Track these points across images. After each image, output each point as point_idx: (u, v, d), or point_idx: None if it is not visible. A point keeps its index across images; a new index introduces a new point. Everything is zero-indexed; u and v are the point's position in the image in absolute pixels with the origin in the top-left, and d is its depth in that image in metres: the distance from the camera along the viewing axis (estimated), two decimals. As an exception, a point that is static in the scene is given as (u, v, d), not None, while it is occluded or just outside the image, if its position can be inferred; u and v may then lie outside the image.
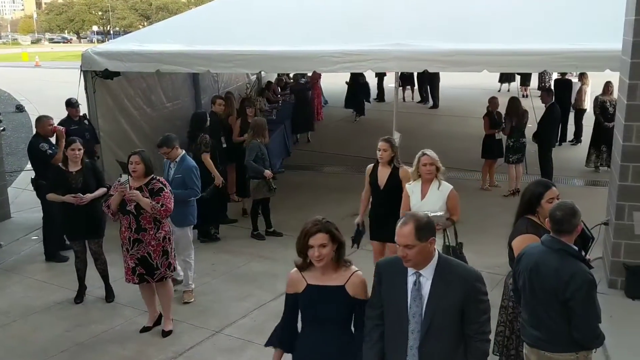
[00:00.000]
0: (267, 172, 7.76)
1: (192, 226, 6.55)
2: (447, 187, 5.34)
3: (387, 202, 5.72)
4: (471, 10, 8.84)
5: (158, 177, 5.56)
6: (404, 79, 19.04)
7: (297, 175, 10.98)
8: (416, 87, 18.95)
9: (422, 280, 3.00)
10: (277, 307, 6.12)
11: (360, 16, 8.92)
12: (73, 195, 5.96)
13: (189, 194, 6.24)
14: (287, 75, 16.15)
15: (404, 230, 2.94)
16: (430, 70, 8.58)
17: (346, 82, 16.00)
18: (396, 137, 8.15)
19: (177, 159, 6.30)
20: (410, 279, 3.02)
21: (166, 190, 5.46)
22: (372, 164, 5.99)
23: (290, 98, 13.73)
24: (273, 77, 15.18)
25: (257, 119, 8.21)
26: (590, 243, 3.86)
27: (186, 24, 10.33)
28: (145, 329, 5.68)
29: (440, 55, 7.71)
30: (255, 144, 7.81)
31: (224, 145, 8.73)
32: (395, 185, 5.72)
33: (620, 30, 6.36)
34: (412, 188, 5.41)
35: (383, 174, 5.86)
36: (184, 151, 6.43)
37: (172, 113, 10.64)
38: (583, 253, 3.71)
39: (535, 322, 3.47)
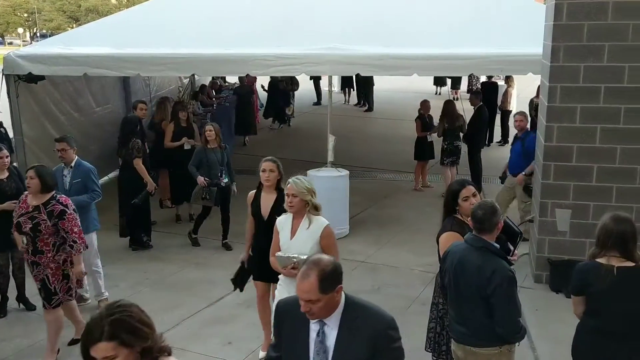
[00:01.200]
0: (200, 179, 7.53)
1: (96, 232, 6.26)
2: (320, 224, 4.30)
3: (272, 235, 4.53)
4: (403, 15, 9.01)
5: (59, 196, 5.12)
6: (344, 82, 19.26)
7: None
8: (355, 90, 19.17)
9: (326, 330, 2.66)
10: (211, 314, 6.08)
11: (294, 19, 8.94)
12: (13, 201, 5.59)
13: (92, 197, 6.03)
14: (222, 78, 15.98)
15: (305, 285, 2.52)
16: (363, 74, 8.71)
17: (263, 88, 15.33)
18: (331, 140, 8.24)
19: (72, 164, 6.05)
20: (314, 328, 2.68)
21: (69, 212, 5.05)
22: (254, 190, 5.04)
23: (226, 101, 13.59)
24: (207, 80, 14.99)
25: (211, 124, 7.95)
26: (518, 238, 4.03)
27: (116, 26, 10.04)
28: (73, 342, 5.47)
29: (372, 59, 7.82)
30: (201, 150, 7.66)
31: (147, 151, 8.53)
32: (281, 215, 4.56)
33: (541, 35, 6.65)
34: (282, 223, 4.41)
35: (267, 201, 4.89)
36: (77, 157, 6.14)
37: (102, 118, 10.33)
38: (511, 248, 3.86)
39: (461, 318, 3.57)
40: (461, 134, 9.89)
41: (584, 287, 3.45)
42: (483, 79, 15.32)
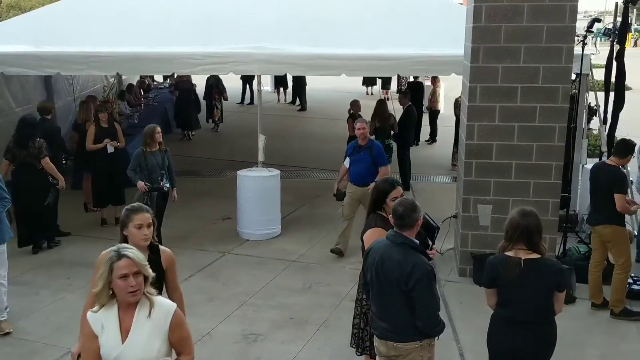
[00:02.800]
0: (140, 184, 7.08)
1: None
2: (165, 310, 2.94)
3: None
4: (332, 15, 9.06)
5: None
6: (278, 81, 19.20)
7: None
8: (289, 88, 19.15)
9: None
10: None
11: (221, 17, 8.82)
12: None
13: (4, 205, 5.64)
14: (151, 77, 15.61)
15: None
16: (291, 74, 8.74)
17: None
18: (261, 139, 8.20)
19: None
20: None
21: None
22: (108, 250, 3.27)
23: (155, 100, 13.31)
24: (136, 79, 14.61)
25: (149, 126, 7.51)
26: (436, 233, 4.15)
27: (35, 23, 9.64)
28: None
29: (300, 58, 7.85)
30: (140, 153, 7.20)
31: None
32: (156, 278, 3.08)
33: (463, 37, 6.86)
34: (99, 320, 2.89)
35: None
36: None
37: (23, 118, 9.86)
38: (430, 242, 3.97)
39: (383, 314, 3.64)
40: (392, 133, 10.08)
41: (494, 279, 3.61)
42: (410, 79, 15.67)
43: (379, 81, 18.40)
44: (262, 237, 7.95)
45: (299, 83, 17.71)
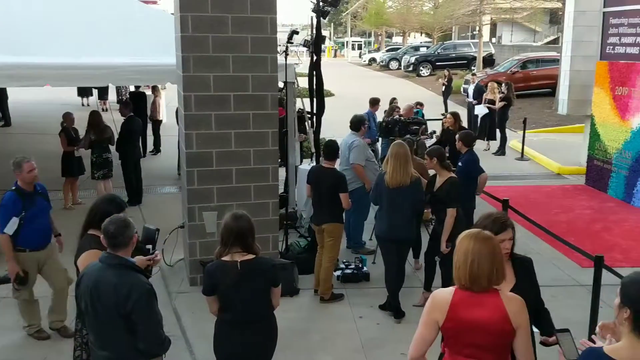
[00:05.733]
0: None
1: None
2: None
3: None
4: (37, 22, 8.27)
5: None
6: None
7: None
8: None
9: None
10: None
11: None
12: None
13: None
14: None
15: None
16: (-11, 86, 7.71)
17: None
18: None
19: None
20: None
21: None
22: None
23: None
24: None
25: None
26: (157, 235, 4.06)
27: None
28: None
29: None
30: None
31: None
32: None
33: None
34: None
35: None
36: None
37: None
38: (149, 248, 3.89)
39: (103, 342, 3.39)
40: (110, 146, 9.59)
41: (214, 286, 3.66)
42: (132, 88, 15.16)
43: (95, 91, 17.36)
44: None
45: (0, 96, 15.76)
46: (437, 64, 33.03)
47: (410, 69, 34.92)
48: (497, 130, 14.29)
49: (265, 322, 3.78)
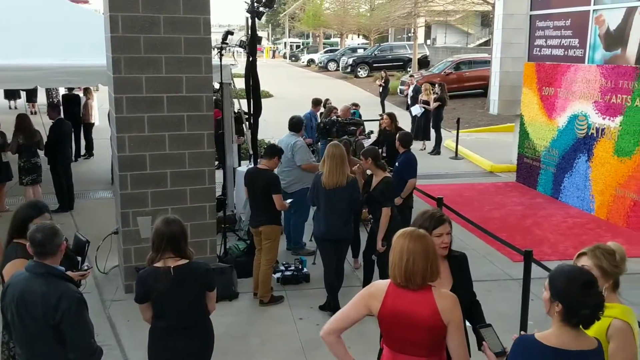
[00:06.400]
0: None
1: None
2: None
3: None
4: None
5: None
6: None
7: None
8: None
9: None
10: None
11: None
12: None
13: None
14: None
15: None
16: None
17: None
18: None
19: None
20: None
21: None
22: None
23: None
24: None
25: None
26: (87, 247, 3.94)
27: None
28: None
29: None
30: None
31: None
32: None
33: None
34: None
35: None
36: None
37: None
38: (79, 259, 3.74)
39: (31, 354, 3.26)
40: (39, 150, 9.22)
41: (146, 293, 3.57)
42: (63, 91, 14.62)
43: (23, 94, 16.65)
44: None
45: None
46: (374, 65, 33.56)
47: (348, 70, 35.31)
48: (432, 130, 14.64)
49: (200, 327, 3.71)
